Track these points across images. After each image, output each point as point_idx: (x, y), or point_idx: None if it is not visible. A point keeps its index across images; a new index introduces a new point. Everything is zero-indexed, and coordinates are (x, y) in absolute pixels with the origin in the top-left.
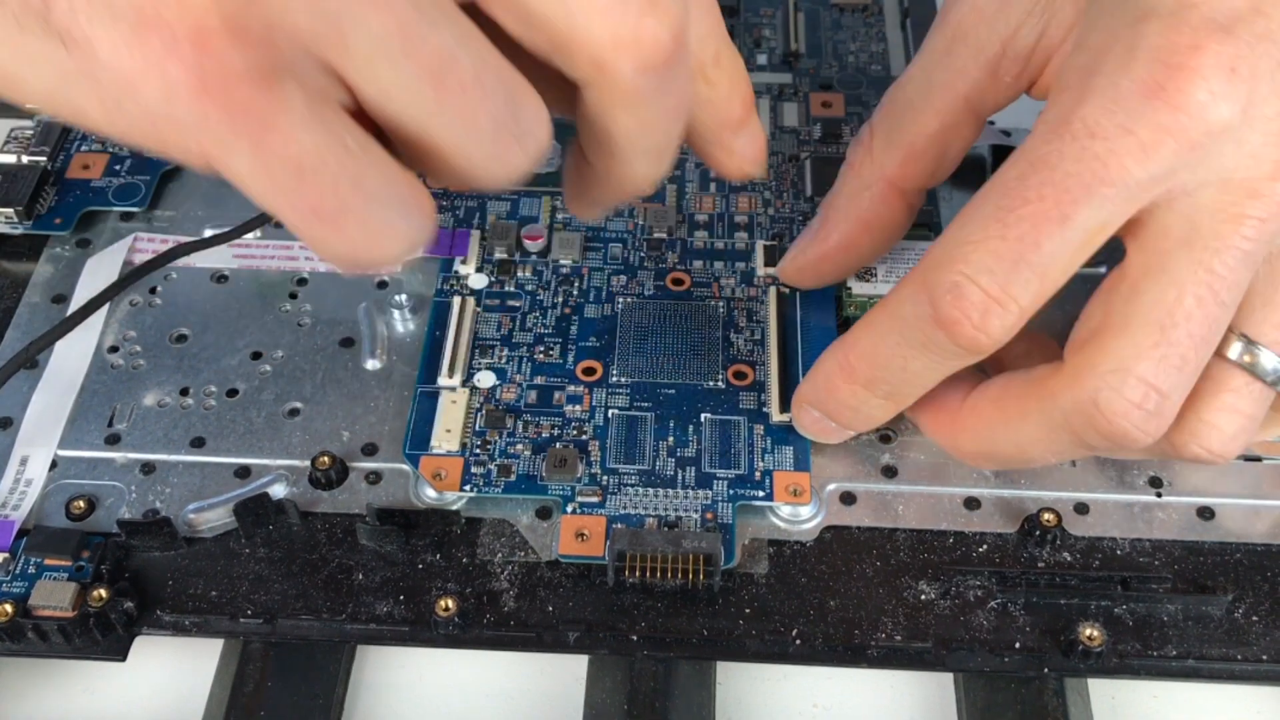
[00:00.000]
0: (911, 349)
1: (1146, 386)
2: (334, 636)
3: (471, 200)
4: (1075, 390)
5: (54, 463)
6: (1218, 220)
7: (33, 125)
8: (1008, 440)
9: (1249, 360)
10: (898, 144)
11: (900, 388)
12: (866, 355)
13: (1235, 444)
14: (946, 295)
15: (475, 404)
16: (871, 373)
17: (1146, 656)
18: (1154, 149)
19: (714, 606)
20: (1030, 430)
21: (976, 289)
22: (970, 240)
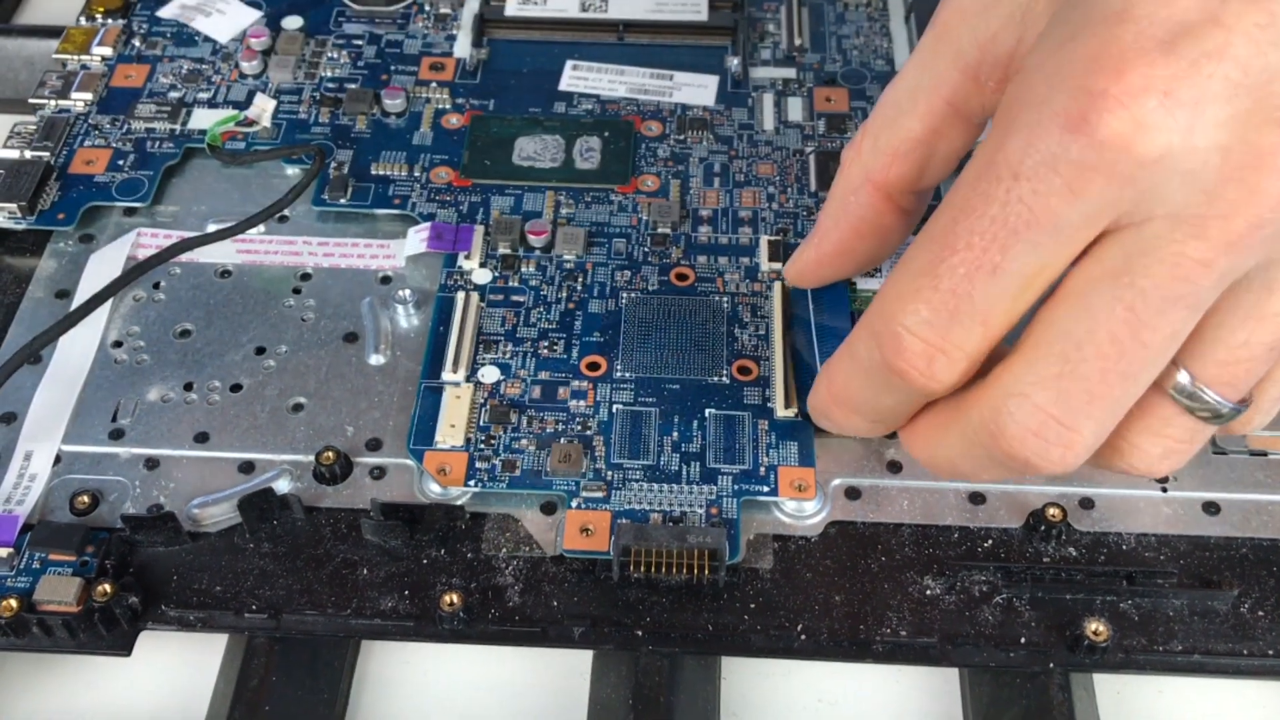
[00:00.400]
0: (876, 389)
1: (1044, 415)
2: (339, 632)
3: (475, 195)
4: (979, 407)
5: (58, 458)
6: (1153, 259)
7: (36, 121)
8: (938, 454)
9: (1186, 395)
10: (884, 147)
11: (883, 416)
12: (843, 390)
13: (1164, 466)
14: (889, 345)
15: (480, 399)
16: (853, 404)
17: (1152, 651)
18: (1081, 188)
19: (719, 602)
20: (953, 445)
21: (916, 340)
22: (904, 293)
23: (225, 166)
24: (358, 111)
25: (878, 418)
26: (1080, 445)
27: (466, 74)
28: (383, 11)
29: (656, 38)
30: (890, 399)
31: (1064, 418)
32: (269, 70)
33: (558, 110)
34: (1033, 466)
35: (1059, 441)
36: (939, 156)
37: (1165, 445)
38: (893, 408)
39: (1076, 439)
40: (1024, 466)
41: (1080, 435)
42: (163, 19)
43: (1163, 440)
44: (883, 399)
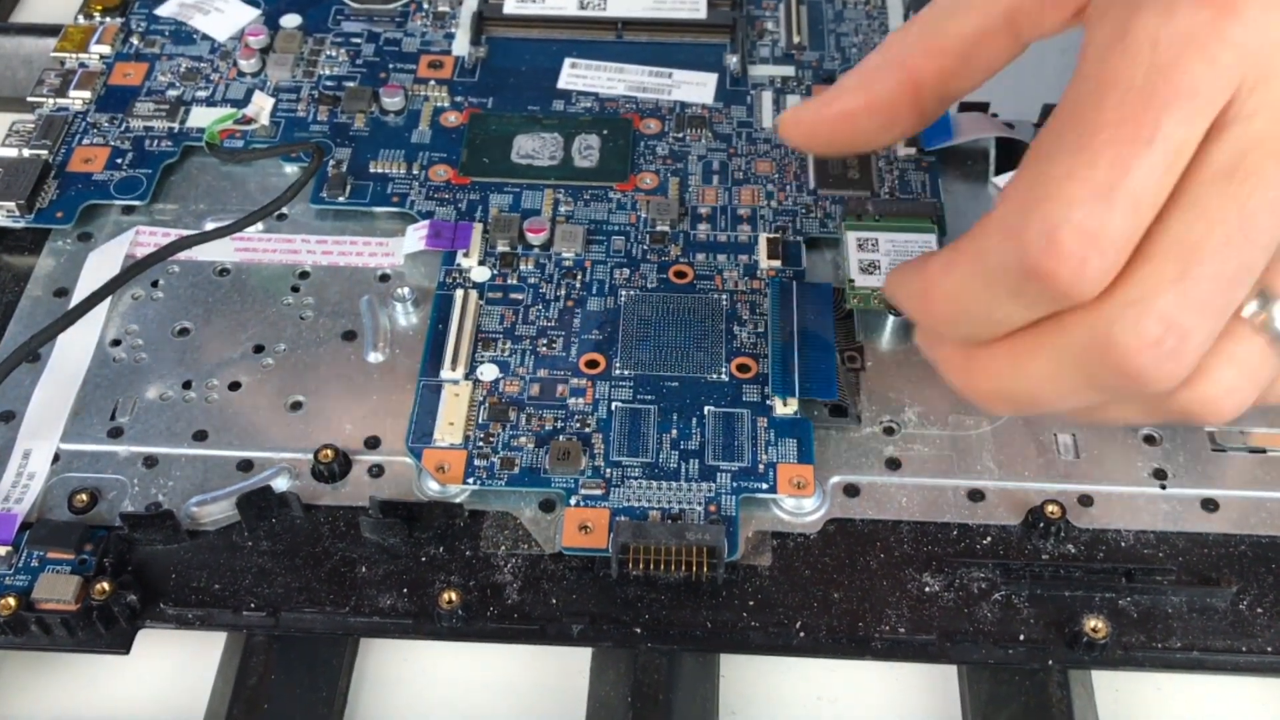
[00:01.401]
0: (995, 298)
1: (1166, 323)
2: (337, 629)
3: (474, 193)
4: (1090, 321)
5: (56, 456)
6: (1264, 154)
7: (34, 119)
8: (1019, 380)
9: (1261, 317)
10: (929, 35)
11: (978, 332)
12: (946, 299)
13: (1232, 400)
14: (1039, 244)
15: (478, 397)
16: (951, 315)
17: (1151, 648)
18: (1217, 56)
19: (717, 599)
20: (1042, 368)
21: (1071, 233)
22: (1056, 177)
23: (223, 164)
24: (356, 109)
25: (972, 333)
26: (1190, 356)
27: (465, 72)
28: (381, 10)
29: (655, 35)
30: (1006, 310)
31: (1183, 324)
32: (267, 68)
33: (556, 108)
34: (1144, 381)
35: (1173, 353)
36: (975, 66)
37: (1237, 376)
38: (1001, 321)
39: (1189, 349)
40: (1130, 383)
41: (1193, 344)
42: (161, 17)
43: (1235, 369)
44: (997, 311)
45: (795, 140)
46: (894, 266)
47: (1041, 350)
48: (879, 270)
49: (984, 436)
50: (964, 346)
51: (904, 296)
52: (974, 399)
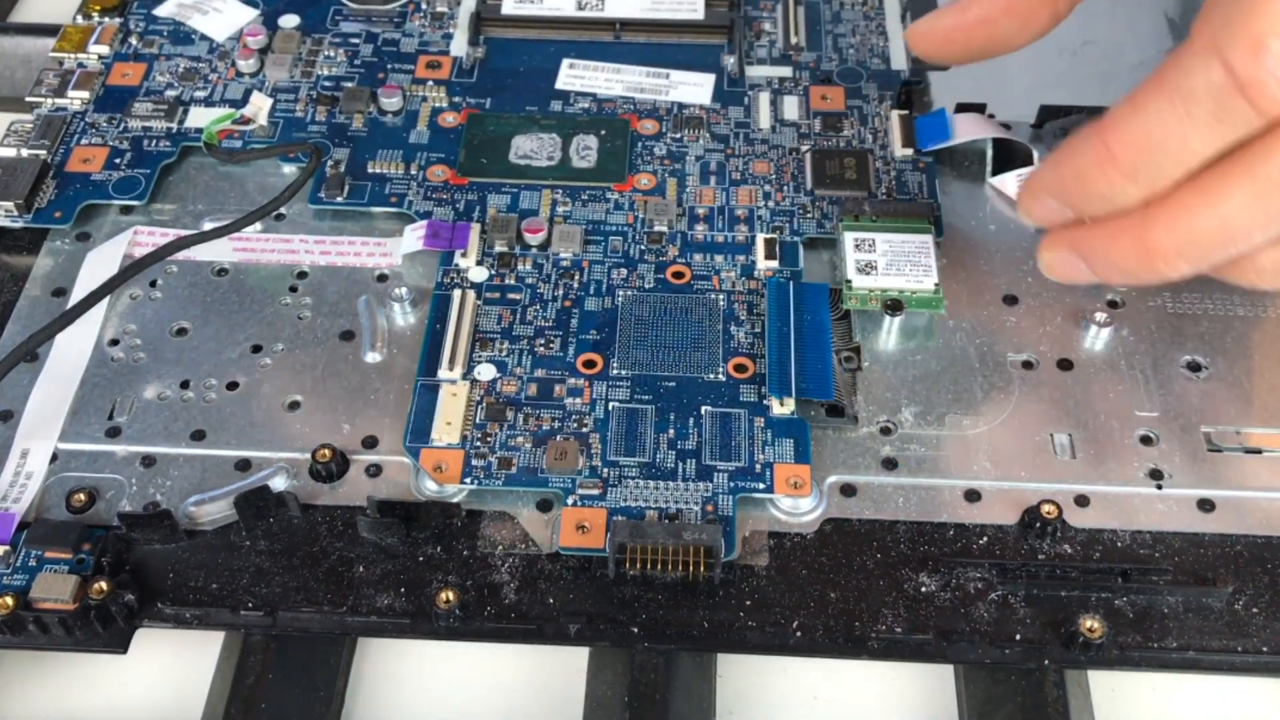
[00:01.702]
0: (1194, 124)
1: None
2: (335, 629)
3: (471, 193)
4: None
5: (54, 455)
6: None
7: (32, 119)
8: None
9: None
10: None
11: (1165, 171)
12: (1136, 140)
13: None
14: (1246, 54)
15: (476, 397)
16: (1138, 157)
17: (1147, 648)
18: None
19: (714, 598)
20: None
21: (1275, 41)
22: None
23: (222, 165)
24: (354, 110)
25: (1154, 177)
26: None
27: (463, 72)
28: (379, 10)
29: (653, 36)
30: (1201, 137)
31: None
32: (266, 69)
33: (554, 108)
34: None
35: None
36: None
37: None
38: (1191, 153)
39: None
40: None
41: None
42: (159, 17)
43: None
44: (1191, 139)
45: (929, 50)
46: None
47: (1237, 177)
48: (875, 271)
49: (980, 436)
50: (1139, 208)
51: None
52: (1153, 263)
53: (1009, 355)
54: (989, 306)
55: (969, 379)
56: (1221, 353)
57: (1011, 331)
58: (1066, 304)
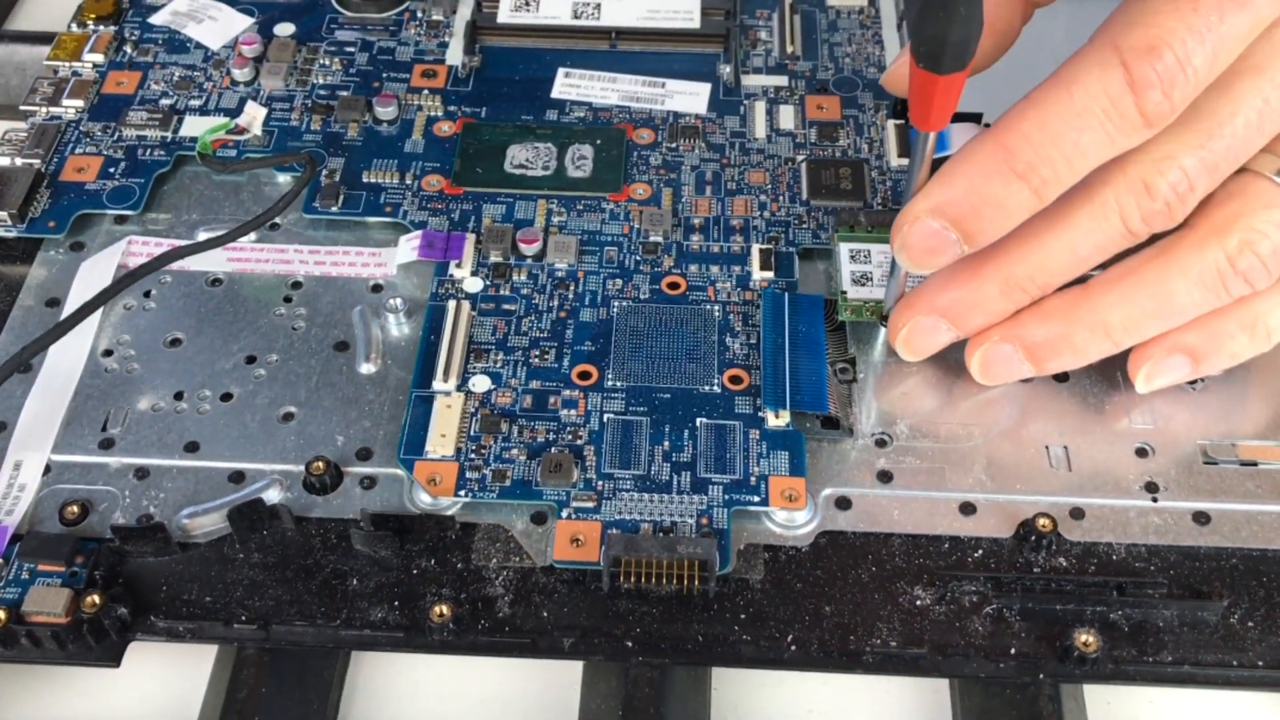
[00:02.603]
0: (1087, 120)
1: (1182, 174)
2: (328, 642)
3: (467, 203)
4: (1124, 173)
5: (48, 467)
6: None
7: (27, 127)
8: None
9: None
10: None
11: (1057, 171)
12: (1030, 135)
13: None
14: (1141, 55)
15: (470, 408)
16: (1034, 153)
17: (1142, 662)
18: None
19: (709, 612)
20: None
21: (1169, 51)
22: (1162, 10)
23: (216, 174)
24: (350, 119)
25: (1046, 179)
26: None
27: (459, 81)
28: (375, 18)
29: (649, 45)
30: (1092, 136)
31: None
32: (261, 77)
33: (550, 118)
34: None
35: (1181, 199)
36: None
37: None
38: (1082, 154)
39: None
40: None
41: (1194, 198)
42: (154, 25)
43: None
44: (1084, 137)
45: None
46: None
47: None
48: (871, 282)
49: (976, 449)
50: None
51: (969, 168)
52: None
53: None
54: None
55: (964, 391)
56: None
57: None
58: None
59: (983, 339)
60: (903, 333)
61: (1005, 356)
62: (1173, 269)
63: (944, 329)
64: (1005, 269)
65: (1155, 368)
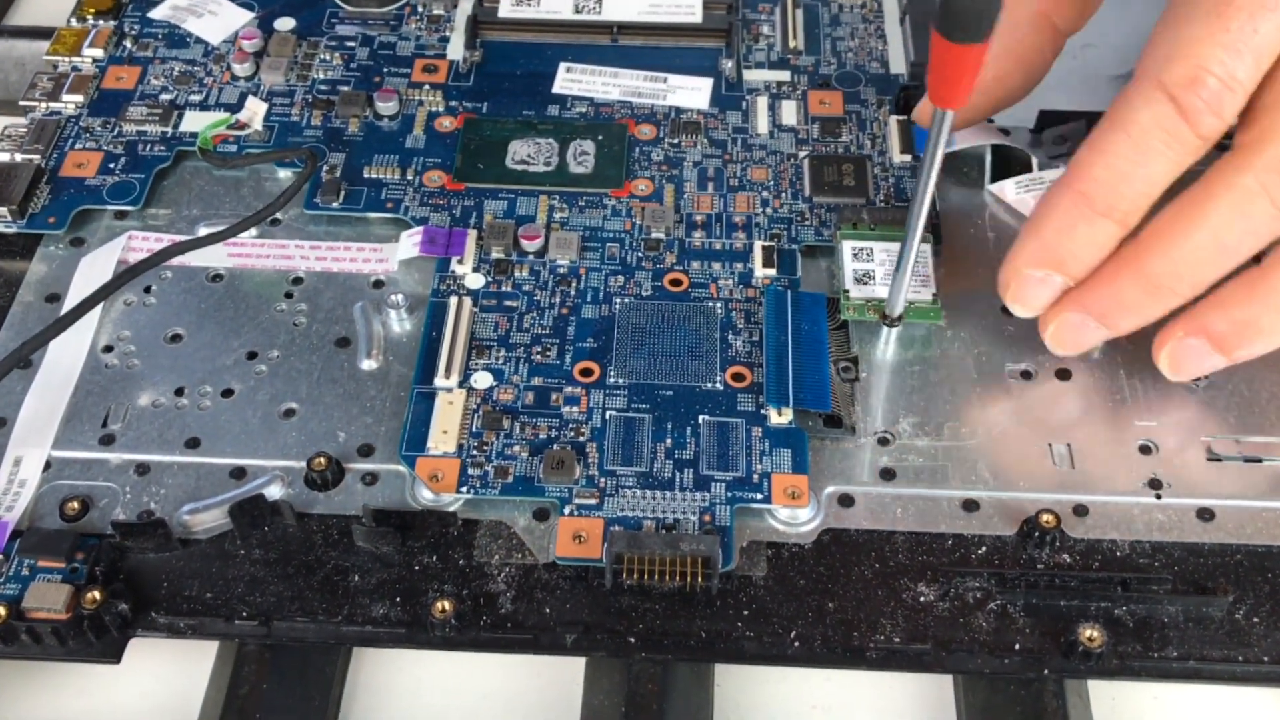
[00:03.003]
0: (1151, 154)
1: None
2: (330, 639)
3: (468, 199)
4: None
5: (48, 463)
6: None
7: (26, 123)
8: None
9: None
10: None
11: (1136, 203)
12: (1103, 178)
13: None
14: (1186, 87)
15: (472, 405)
16: (1110, 194)
17: (1147, 658)
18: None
19: (712, 609)
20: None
21: (1211, 76)
22: (1196, 38)
23: (216, 170)
24: (350, 114)
25: (1127, 210)
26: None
27: (460, 76)
28: (375, 13)
29: (650, 40)
30: (1159, 164)
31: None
32: (261, 72)
33: (551, 113)
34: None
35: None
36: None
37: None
38: (1154, 181)
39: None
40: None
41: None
42: (154, 20)
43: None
44: (1152, 166)
45: None
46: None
47: (1216, 191)
48: (873, 280)
49: (979, 446)
50: (1129, 247)
51: (1057, 221)
52: (1158, 292)
53: (1007, 365)
54: (987, 316)
55: (967, 389)
56: None
57: (1010, 341)
58: None
59: (1168, 335)
60: (1051, 328)
61: (1193, 350)
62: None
63: (1093, 327)
64: (1145, 269)
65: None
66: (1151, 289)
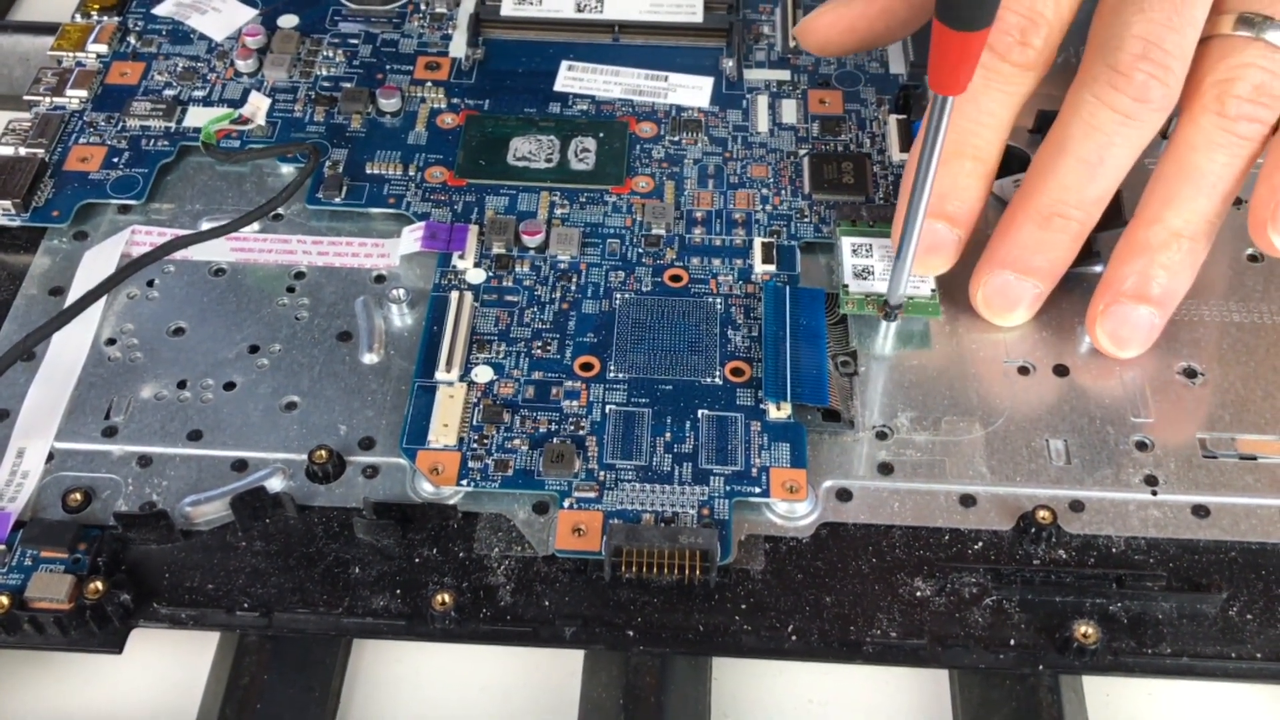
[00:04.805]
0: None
1: (1140, 41)
2: (330, 630)
3: (470, 195)
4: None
5: (51, 455)
6: None
7: (30, 117)
8: None
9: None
10: None
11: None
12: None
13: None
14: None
15: (473, 399)
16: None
17: (1141, 654)
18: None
19: (710, 602)
20: None
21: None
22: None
23: (220, 164)
24: (353, 110)
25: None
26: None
27: (462, 74)
28: (378, 10)
29: (651, 39)
30: (1121, 146)
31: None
32: (264, 69)
33: (553, 110)
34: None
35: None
36: None
37: (1257, 76)
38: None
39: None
40: None
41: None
42: (158, 16)
43: (1253, 70)
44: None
45: (820, 42)
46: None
47: None
48: (872, 276)
49: (976, 442)
50: None
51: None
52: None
53: (1005, 361)
54: None
55: (965, 384)
56: (1217, 359)
57: (1007, 337)
58: (1063, 309)
59: (1092, 316)
60: (979, 296)
61: (1120, 315)
62: (1185, 152)
63: (1014, 279)
64: (1033, 206)
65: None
66: (1044, 220)
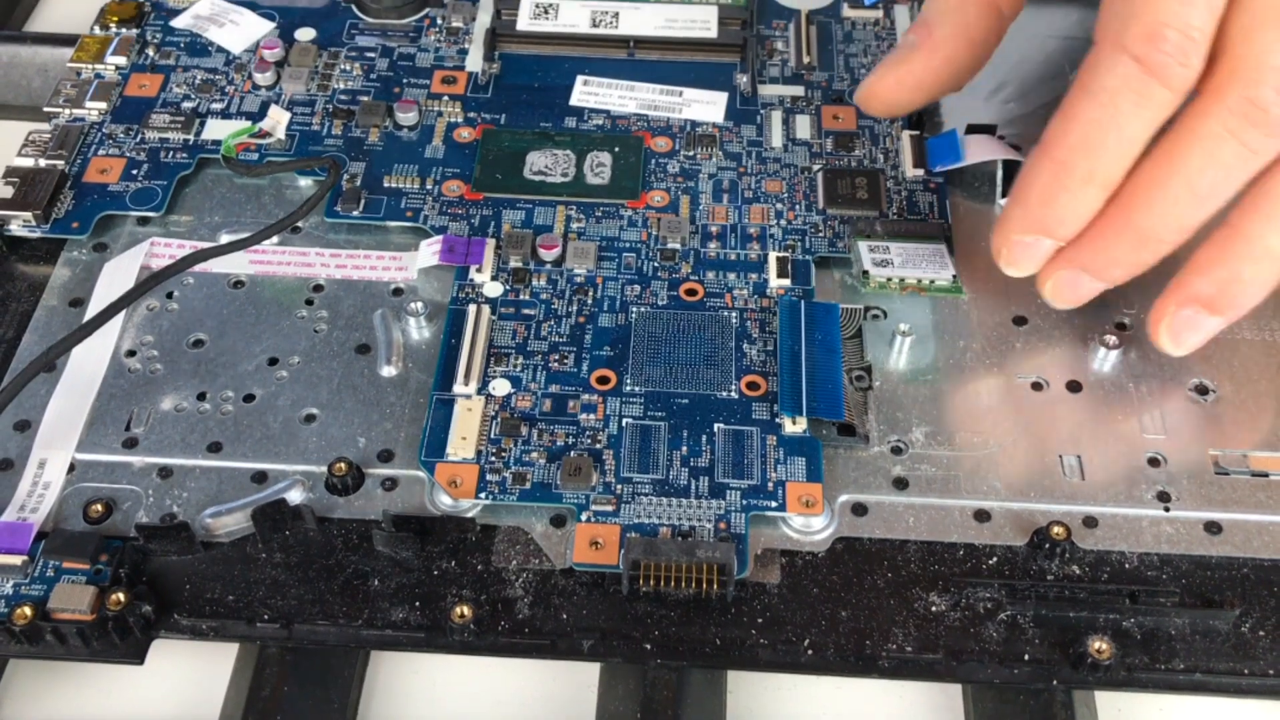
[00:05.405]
0: (1124, 115)
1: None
2: (349, 642)
3: (486, 209)
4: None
5: (72, 466)
6: None
7: (50, 129)
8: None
9: None
10: None
11: (1115, 163)
12: (1080, 144)
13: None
14: (1147, 44)
15: (490, 412)
16: (1088, 160)
17: (1154, 670)
18: None
19: (726, 616)
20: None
21: (1170, 29)
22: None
23: (238, 177)
24: (370, 124)
25: (1106, 173)
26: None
27: (478, 88)
28: (395, 24)
29: (666, 54)
30: (1135, 123)
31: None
32: (282, 82)
33: (568, 125)
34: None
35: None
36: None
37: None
38: (1131, 140)
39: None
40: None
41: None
42: (176, 29)
43: None
44: (1127, 128)
45: (889, 104)
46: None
47: (1185, 139)
48: (891, 265)
49: (990, 457)
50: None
51: (1038, 192)
52: (1146, 243)
53: (1018, 377)
54: (999, 328)
55: (979, 399)
56: (1229, 376)
57: (1021, 353)
58: (1075, 326)
59: (1160, 313)
60: (1049, 285)
61: (1188, 320)
62: None
63: (1087, 281)
64: (1131, 225)
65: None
66: (1139, 242)
